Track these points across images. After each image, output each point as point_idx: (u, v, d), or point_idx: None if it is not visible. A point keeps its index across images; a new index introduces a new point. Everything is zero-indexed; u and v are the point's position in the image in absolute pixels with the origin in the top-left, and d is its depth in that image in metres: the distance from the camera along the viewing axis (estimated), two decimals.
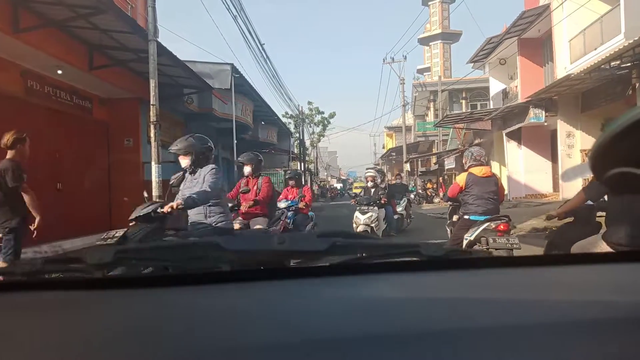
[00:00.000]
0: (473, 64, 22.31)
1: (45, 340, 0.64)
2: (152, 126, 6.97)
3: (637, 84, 10.32)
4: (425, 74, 58.31)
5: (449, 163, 24.24)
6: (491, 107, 20.29)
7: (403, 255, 1.02)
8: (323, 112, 37.92)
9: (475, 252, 1.98)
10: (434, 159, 30.24)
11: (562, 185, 14.40)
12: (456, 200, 5.00)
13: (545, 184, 17.18)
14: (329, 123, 38.50)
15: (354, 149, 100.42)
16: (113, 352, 0.60)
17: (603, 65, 10.45)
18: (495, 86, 21.08)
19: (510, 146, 18.04)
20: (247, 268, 1.02)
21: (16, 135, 4.24)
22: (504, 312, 0.72)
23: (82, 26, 7.23)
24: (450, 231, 5.34)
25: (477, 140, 22.36)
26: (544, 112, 14.98)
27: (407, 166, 29.45)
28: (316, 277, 0.96)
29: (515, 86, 18.15)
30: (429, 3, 63.09)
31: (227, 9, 10.72)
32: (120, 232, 3.18)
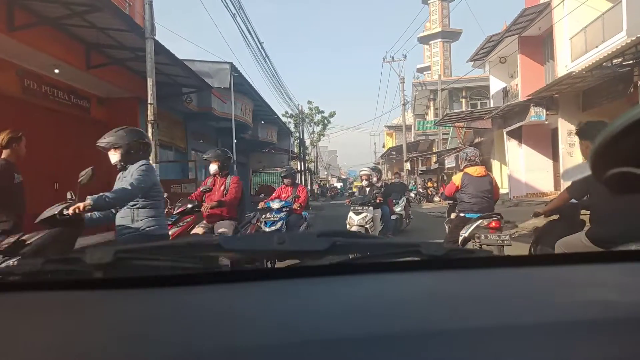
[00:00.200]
0: (473, 63, 22.26)
1: (46, 341, 0.64)
2: (150, 125, 6.90)
3: (639, 82, 10.25)
4: (425, 72, 58.26)
5: (449, 162, 24.18)
6: (491, 106, 20.24)
7: (403, 255, 1.02)
8: (323, 112, 37.91)
9: (475, 252, 1.98)
10: (434, 158, 30.21)
11: (563, 184, 14.32)
12: (453, 199, 5.16)
13: (546, 183, 17.12)
14: (329, 122, 38.49)
15: (354, 148, 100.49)
16: (113, 352, 0.59)
17: (605, 63, 10.38)
18: (495, 85, 21.01)
19: (511, 145, 17.98)
20: (247, 268, 1.01)
21: (11, 135, 4.16)
22: (503, 312, 0.72)
23: (79, 24, 7.15)
24: (448, 229, 5.54)
25: (478, 139, 22.30)
26: (544, 111, 14.93)
27: (408, 165, 29.43)
28: (316, 277, 0.96)
29: (516, 85, 18.08)
30: (429, 2, 63.02)
31: (226, 6, 10.64)
32: (14, 238, 2.76)
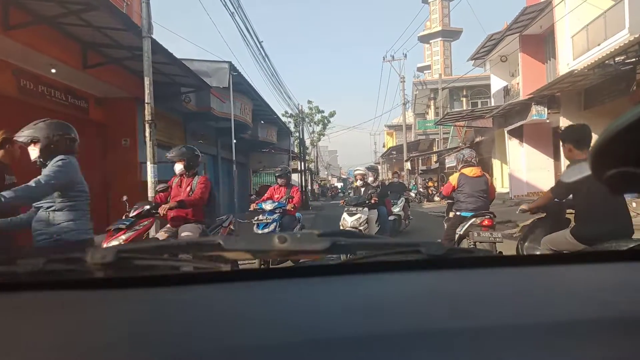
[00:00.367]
0: (474, 62, 22.16)
1: (46, 340, 0.64)
2: (147, 125, 6.81)
3: None
4: (425, 72, 58.14)
5: (450, 161, 24.08)
6: (492, 105, 20.14)
7: (403, 255, 1.02)
8: (323, 111, 37.75)
9: (475, 252, 1.98)
10: (434, 158, 30.12)
11: None
12: (451, 198, 5.34)
13: (548, 182, 16.99)
14: (329, 122, 38.34)
15: (355, 147, 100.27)
16: (113, 352, 0.59)
17: (607, 61, 10.29)
18: (496, 84, 20.93)
19: (512, 144, 17.90)
20: (247, 268, 1.03)
21: (4, 135, 4.08)
22: (504, 312, 0.72)
23: (75, 23, 7.07)
24: (446, 227, 5.69)
25: (479, 138, 22.22)
26: (546, 109, 14.83)
27: (408, 165, 29.35)
28: (316, 277, 0.96)
29: (517, 83, 17.99)
30: (429, 1, 62.93)
31: (224, 5, 10.55)
32: None
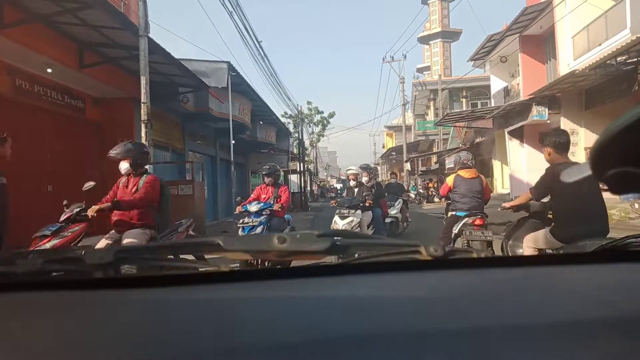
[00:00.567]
0: (473, 63, 22.10)
1: (46, 340, 0.64)
2: (144, 125, 6.71)
3: None
4: (425, 73, 58.11)
5: (450, 162, 24.00)
6: (492, 105, 20.07)
7: (403, 255, 1.02)
8: (322, 112, 37.65)
9: (475, 252, 1.87)
10: (434, 158, 30.05)
11: None
12: (449, 198, 5.50)
13: None
14: (328, 123, 38.24)
15: (354, 148, 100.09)
16: (113, 352, 0.59)
17: (609, 61, 10.21)
18: (496, 84, 20.86)
19: (512, 144, 17.82)
20: (247, 268, 1.04)
21: None
22: (504, 312, 0.72)
23: (70, 22, 6.97)
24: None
25: (479, 139, 22.15)
26: (547, 110, 14.76)
27: (408, 165, 29.29)
28: (316, 277, 0.96)
29: (517, 84, 17.92)
30: (429, 2, 62.88)
31: (223, 4, 10.45)
32: None
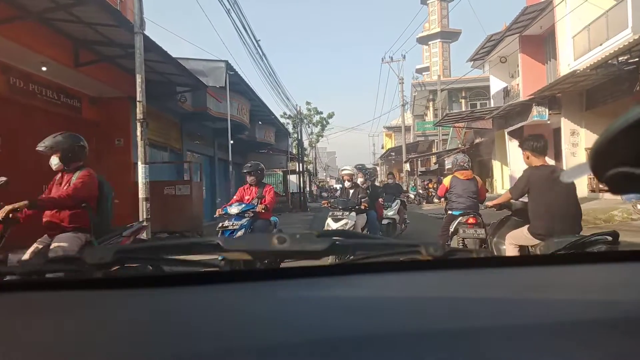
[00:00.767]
0: (473, 63, 22.04)
1: (46, 340, 0.64)
2: (139, 124, 6.60)
3: None
4: (424, 73, 58.03)
5: (449, 163, 23.92)
6: (492, 106, 20.00)
7: (403, 255, 1.02)
8: (322, 112, 37.57)
9: (475, 252, 1.94)
10: (433, 159, 29.97)
11: None
12: (447, 199, 5.69)
13: None
14: (327, 123, 38.15)
15: (353, 149, 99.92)
16: (113, 352, 0.59)
17: (610, 61, 10.13)
18: (495, 85, 20.78)
19: (512, 145, 17.72)
20: (247, 268, 1.04)
21: None
22: (504, 312, 0.72)
23: (65, 19, 6.86)
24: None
25: (478, 140, 22.08)
26: (547, 110, 14.69)
27: (407, 166, 29.20)
28: (316, 277, 0.95)
29: (517, 84, 17.85)
30: (428, 2, 62.79)
31: (220, 1, 10.33)
32: None
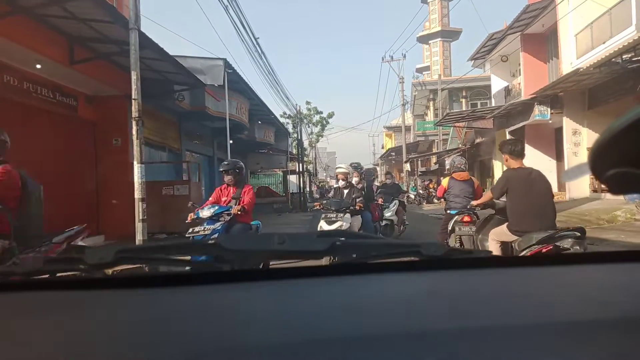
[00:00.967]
0: (473, 62, 21.90)
1: (45, 340, 0.64)
2: (135, 122, 6.45)
3: None
4: (424, 73, 57.89)
5: (448, 164, 23.75)
6: (493, 105, 19.86)
7: (403, 255, 1.02)
8: (321, 112, 37.43)
9: (475, 252, 1.99)
10: (434, 159, 29.83)
11: (569, 184, 13.94)
12: (445, 199, 5.96)
13: (550, 184, 16.71)
14: (327, 123, 38.00)
15: (353, 149, 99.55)
16: (113, 352, 0.59)
17: (614, 59, 9.99)
18: (496, 84, 20.64)
19: None
20: (247, 268, 1.04)
21: None
22: (504, 312, 0.72)
23: (59, 15, 6.72)
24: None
25: (479, 139, 21.93)
26: (549, 109, 14.54)
27: (407, 166, 29.07)
28: (316, 277, 0.95)
29: (518, 83, 17.71)
30: (428, 1, 62.71)
31: None
32: None
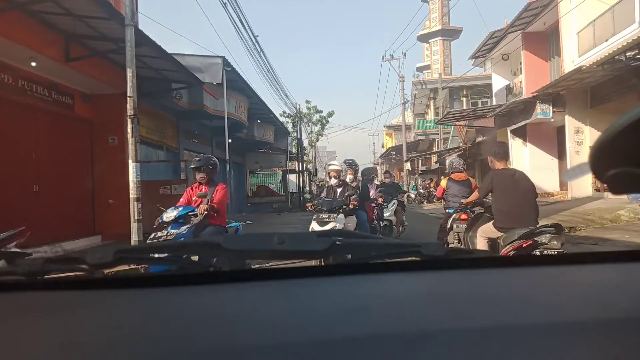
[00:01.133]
0: (474, 61, 21.78)
1: (45, 341, 0.63)
2: (130, 120, 6.33)
3: None
4: (424, 72, 57.71)
5: (448, 165, 23.62)
6: (494, 104, 19.74)
7: (403, 255, 1.02)
8: (321, 111, 37.25)
9: (475, 252, 1.97)
10: (434, 158, 29.72)
11: (571, 184, 13.81)
12: (444, 199, 6.22)
13: (552, 182, 16.62)
14: (327, 122, 37.82)
15: (353, 148, 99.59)
16: (113, 352, 0.59)
17: (617, 56, 9.86)
18: (497, 82, 20.52)
19: (515, 143, 17.48)
20: (247, 268, 1.05)
21: None
22: (504, 312, 0.72)
23: (54, 11, 6.61)
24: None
25: (480, 138, 21.81)
26: (551, 108, 14.42)
27: (408, 165, 28.97)
28: (316, 277, 0.95)
29: (520, 82, 17.58)
30: None
31: None
32: None
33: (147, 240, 4.25)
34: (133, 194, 6.26)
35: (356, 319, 0.68)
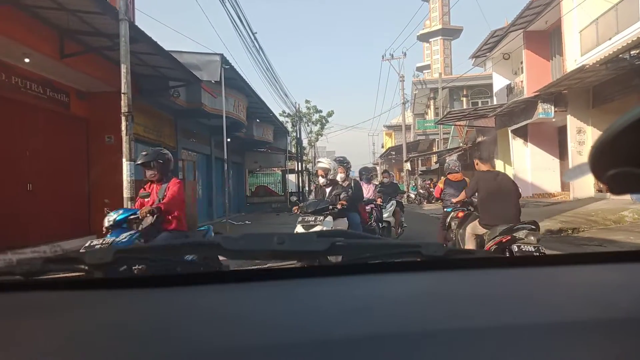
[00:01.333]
0: (474, 61, 21.67)
1: (45, 341, 0.63)
2: (124, 118, 6.18)
3: None
4: (425, 71, 57.56)
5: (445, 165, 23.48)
6: (495, 104, 19.61)
7: (403, 255, 1.02)
8: (321, 111, 37.09)
9: (475, 252, 1.95)
10: (434, 158, 29.60)
11: (573, 184, 13.67)
12: (442, 199, 6.52)
13: (553, 183, 16.50)
14: (327, 122, 37.67)
15: (353, 148, 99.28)
16: (113, 352, 0.59)
17: (621, 55, 9.73)
18: (498, 82, 20.40)
19: (516, 144, 17.36)
20: (247, 268, 1.03)
21: None
22: (504, 312, 0.71)
23: (46, 6, 6.45)
24: None
25: (480, 138, 21.69)
26: (553, 108, 14.29)
27: (408, 165, 28.85)
28: (316, 277, 0.95)
29: (521, 81, 17.46)
30: None
31: None
32: None
33: (81, 250, 3.89)
34: (127, 193, 6.11)
35: (356, 319, 0.69)
